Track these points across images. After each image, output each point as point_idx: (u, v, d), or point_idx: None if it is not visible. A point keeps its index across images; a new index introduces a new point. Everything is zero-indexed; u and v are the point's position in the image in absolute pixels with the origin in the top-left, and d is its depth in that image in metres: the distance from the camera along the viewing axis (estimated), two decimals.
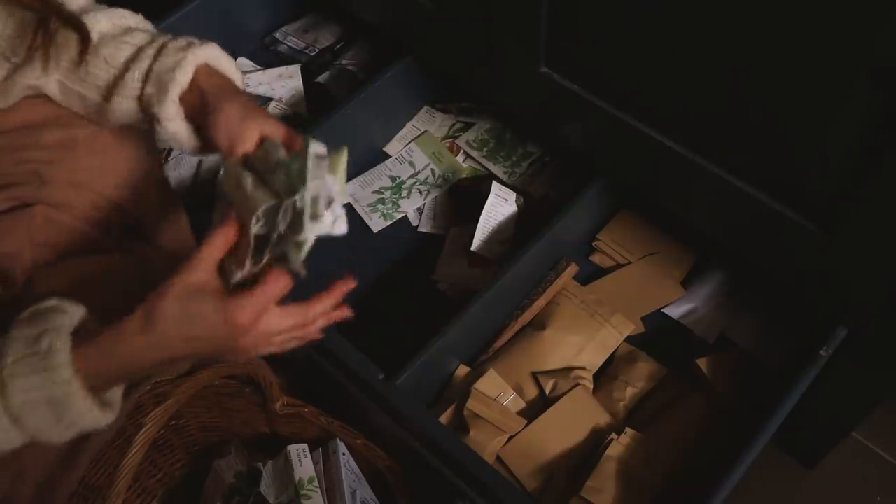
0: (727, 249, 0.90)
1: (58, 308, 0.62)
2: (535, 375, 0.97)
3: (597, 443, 0.92)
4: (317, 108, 1.26)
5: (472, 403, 0.93)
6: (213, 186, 0.72)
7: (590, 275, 1.10)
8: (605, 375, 1.01)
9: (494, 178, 1.15)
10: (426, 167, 1.22)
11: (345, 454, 0.91)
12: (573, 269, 1.06)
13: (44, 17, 0.70)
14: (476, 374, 0.97)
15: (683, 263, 1.08)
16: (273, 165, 0.66)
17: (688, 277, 1.08)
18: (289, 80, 1.30)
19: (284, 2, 1.39)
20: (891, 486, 1.05)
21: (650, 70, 0.80)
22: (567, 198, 1.03)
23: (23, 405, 0.58)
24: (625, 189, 1.06)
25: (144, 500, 1.00)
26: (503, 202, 1.10)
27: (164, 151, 1.20)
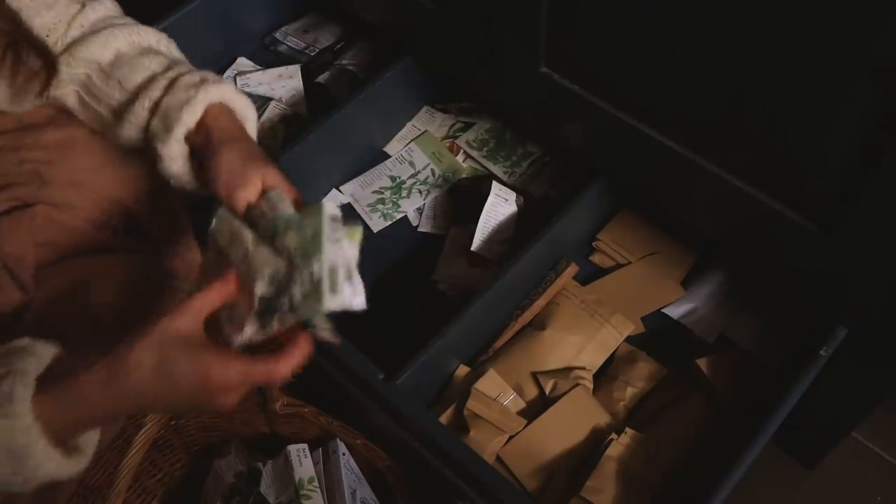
0: (727, 249, 0.90)
1: (27, 350, 0.59)
2: (535, 375, 0.97)
3: (597, 443, 0.92)
4: (317, 108, 1.26)
5: (472, 403, 0.93)
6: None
7: (590, 275, 1.10)
8: (605, 375, 1.01)
9: (494, 178, 1.15)
10: (426, 167, 1.22)
11: (345, 454, 0.91)
12: (573, 269, 1.06)
13: (13, 40, 0.68)
14: (476, 374, 0.97)
15: (683, 263, 1.08)
16: (279, 221, 0.62)
17: (688, 277, 1.08)
18: (289, 80, 1.30)
19: (284, 2, 1.39)
20: (891, 486, 1.05)
21: (650, 70, 0.80)
22: (567, 198, 1.03)
23: None
24: (625, 189, 1.06)
25: (144, 500, 1.00)
26: (503, 202, 1.10)
27: None
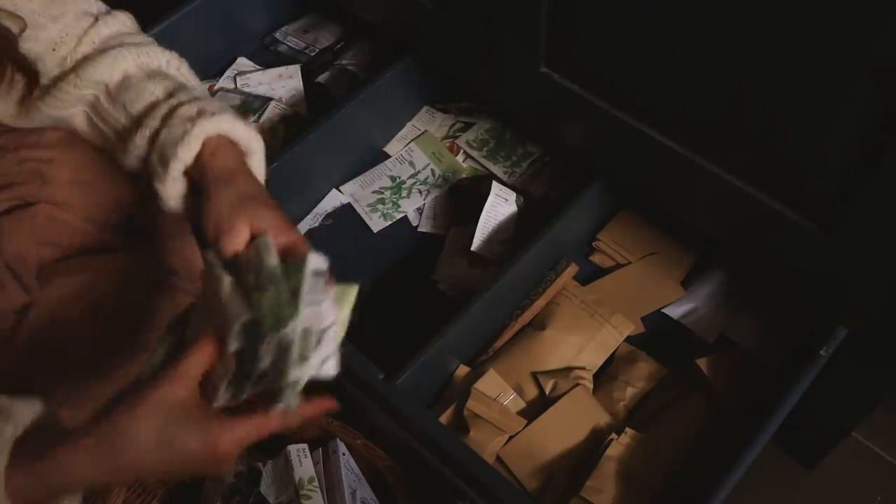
0: (727, 249, 0.90)
1: (3, 413, 0.55)
2: (535, 375, 0.97)
3: (597, 443, 0.92)
4: (317, 108, 1.26)
5: (472, 403, 0.93)
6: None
7: (590, 275, 1.10)
8: (605, 375, 1.01)
9: (494, 178, 1.15)
10: (426, 167, 1.22)
11: (345, 454, 0.91)
12: (573, 269, 1.06)
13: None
14: (476, 374, 0.97)
15: (683, 263, 1.08)
16: (261, 273, 0.56)
17: (688, 277, 1.08)
18: (289, 80, 1.30)
19: (284, 2, 1.39)
20: (891, 486, 1.05)
21: (650, 70, 0.80)
22: (567, 198, 1.03)
23: None
24: (625, 189, 1.06)
25: (144, 501, 1.00)
26: (503, 202, 1.10)
27: None
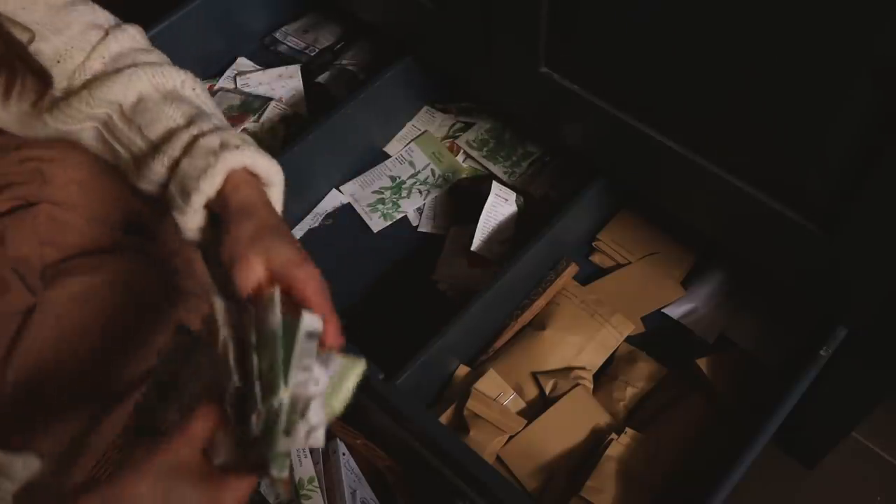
0: (727, 249, 0.90)
1: (3, 469, 0.54)
2: (535, 375, 0.97)
3: (597, 443, 0.92)
4: (317, 108, 1.26)
5: (472, 403, 0.93)
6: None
7: (590, 275, 1.10)
8: (605, 375, 1.01)
9: (494, 178, 1.15)
10: (426, 167, 1.22)
11: (345, 454, 0.91)
12: (573, 269, 1.06)
13: (5, 57, 0.67)
14: (476, 374, 0.97)
15: (683, 263, 1.08)
16: (262, 333, 0.55)
17: (688, 277, 1.08)
18: (289, 80, 1.30)
19: (284, 2, 1.39)
20: (891, 486, 1.05)
21: (650, 70, 0.80)
22: (567, 198, 1.03)
23: None
24: (625, 189, 1.06)
25: None
26: (503, 202, 1.10)
27: None
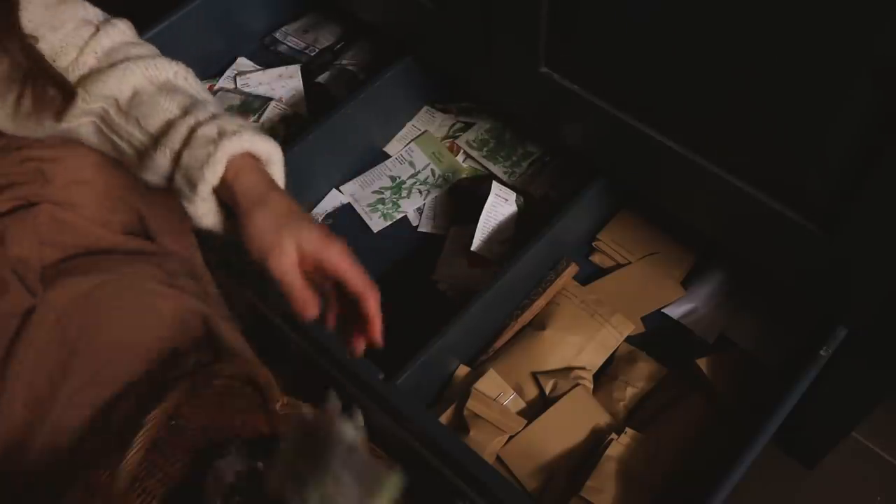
0: (727, 249, 0.90)
1: None
2: (535, 375, 0.97)
3: (597, 443, 0.92)
4: (317, 108, 1.26)
5: (472, 403, 0.93)
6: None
7: (590, 275, 1.10)
8: (605, 375, 1.01)
9: (494, 178, 1.15)
10: (426, 167, 1.22)
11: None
12: (573, 269, 1.06)
13: (30, 72, 0.68)
14: (476, 374, 0.97)
15: (683, 263, 1.08)
16: (314, 475, 0.61)
17: (688, 277, 1.08)
18: (289, 80, 1.30)
19: (284, 2, 1.39)
20: (891, 486, 1.05)
21: (650, 70, 0.80)
22: (567, 198, 1.03)
23: None
24: (625, 189, 1.06)
25: (144, 501, 1.00)
26: (503, 202, 1.10)
27: None
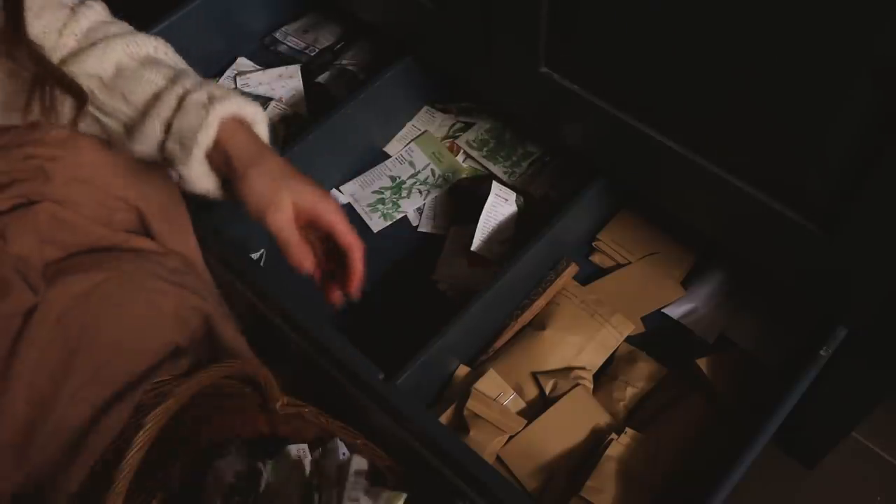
0: (727, 249, 0.90)
1: None
2: (535, 375, 0.97)
3: (597, 443, 0.92)
4: (317, 108, 1.26)
5: (472, 403, 0.93)
6: None
7: (590, 275, 1.10)
8: (605, 375, 1.01)
9: (494, 178, 1.15)
10: (426, 167, 1.22)
11: (345, 454, 0.91)
12: (573, 269, 1.06)
13: (40, 77, 0.69)
14: (476, 374, 0.97)
15: (683, 263, 1.08)
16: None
17: (688, 277, 1.08)
18: (289, 80, 1.30)
19: (284, 2, 1.39)
20: (891, 486, 1.05)
21: (650, 70, 0.80)
22: (567, 198, 1.03)
23: None
24: (625, 189, 1.06)
25: (144, 501, 1.00)
26: (503, 202, 1.10)
27: None
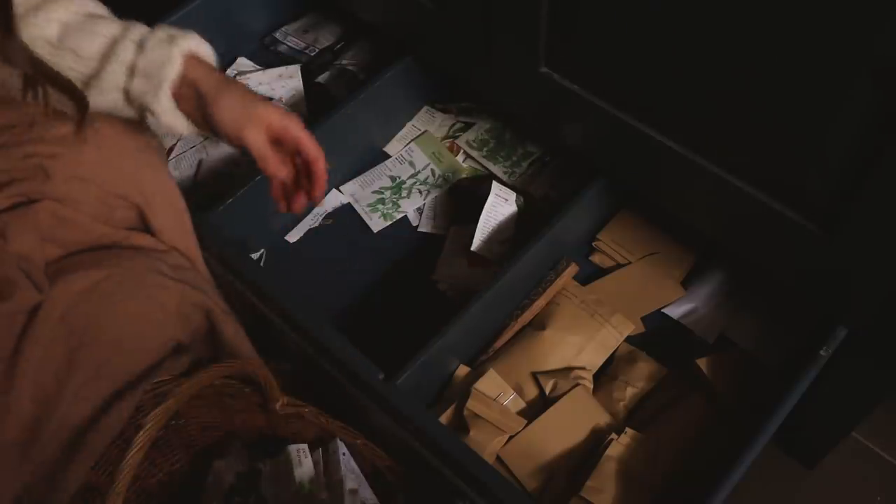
0: (727, 249, 0.90)
1: None
2: (535, 375, 0.97)
3: (597, 443, 0.92)
4: (317, 108, 1.26)
5: (472, 403, 0.93)
6: (213, 188, 0.75)
7: (590, 275, 1.10)
8: (605, 375, 1.01)
9: (494, 178, 1.15)
10: (426, 167, 1.22)
11: (345, 454, 0.91)
12: (573, 269, 1.06)
13: (32, 80, 0.69)
14: (476, 374, 0.97)
15: (683, 263, 1.08)
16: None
17: (688, 277, 1.08)
18: (289, 80, 1.30)
19: (284, 2, 1.39)
20: (891, 486, 1.05)
21: (650, 70, 0.80)
22: (567, 198, 1.03)
23: None
24: (625, 189, 1.06)
25: (144, 501, 1.00)
26: (503, 202, 1.10)
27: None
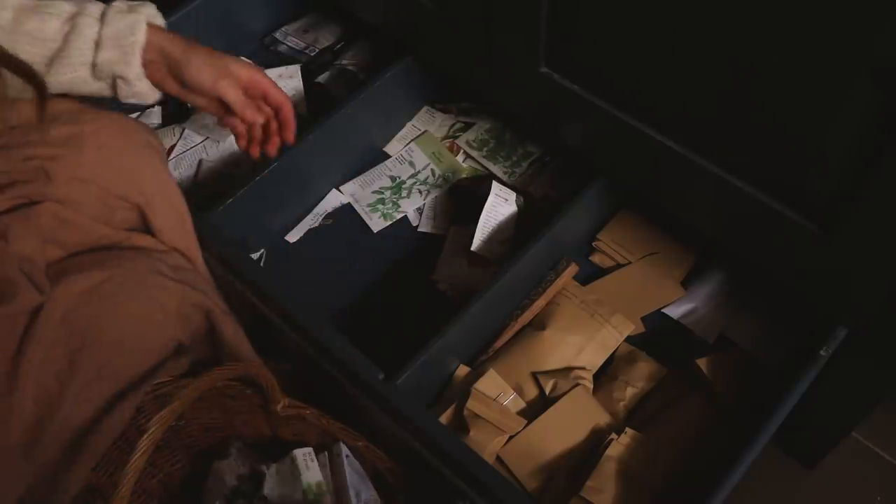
0: (727, 249, 0.90)
1: None
2: (535, 375, 0.97)
3: (597, 443, 0.92)
4: (317, 108, 1.26)
5: (472, 403, 0.93)
6: (213, 188, 0.75)
7: (590, 275, 1.10)
8: (605, 375, 1.01)
9: (494, 178, 1.15)
10: (426, 167, 1.22)
11: (348, 456, 0.91)
12: (573, 269, 1.06)
13: None
14: (476, 374, 0.97)
15: (683, 263, 1.08)
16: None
17: (688, 277, 1.08)
18: (289, 80, 1.29)
19: (284, 2, 1.39)
20: (891, 486, 1.05)
21: (650, 70, 0.80)
22: (567, 198, 1.03)
23: None
24: (625, 189, 1.06)
25: (144, 501, 1.00)
26: (503, 202, 1.10)
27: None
